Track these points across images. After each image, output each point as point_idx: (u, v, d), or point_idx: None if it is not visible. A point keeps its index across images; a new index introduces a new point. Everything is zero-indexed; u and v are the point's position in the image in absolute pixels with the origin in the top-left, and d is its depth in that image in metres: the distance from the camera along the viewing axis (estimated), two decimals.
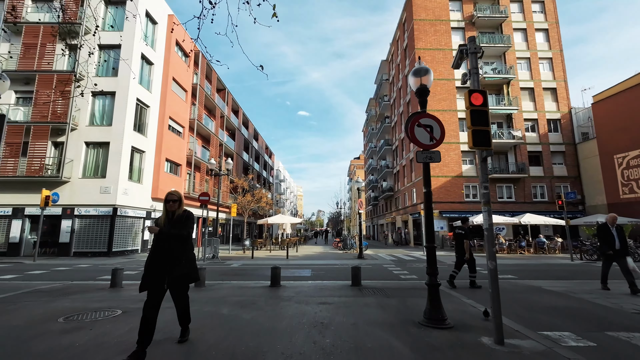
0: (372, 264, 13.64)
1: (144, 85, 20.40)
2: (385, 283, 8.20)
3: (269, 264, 13.75)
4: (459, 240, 8.03)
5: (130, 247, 19.00)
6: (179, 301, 3.59)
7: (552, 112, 28.13)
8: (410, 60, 30.22)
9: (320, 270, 11.63)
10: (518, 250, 19.74)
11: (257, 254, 19.62)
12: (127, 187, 18.44)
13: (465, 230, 7.98)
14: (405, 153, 32.17)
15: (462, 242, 7.91)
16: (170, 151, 22.57)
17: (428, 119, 5.03)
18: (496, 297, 3.85)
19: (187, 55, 25.92)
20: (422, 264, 13.85)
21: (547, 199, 26.81)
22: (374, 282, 8.24)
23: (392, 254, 19.87)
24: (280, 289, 7.13)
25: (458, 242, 8.05)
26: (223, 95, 33.56)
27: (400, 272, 10.93)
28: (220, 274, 10.58)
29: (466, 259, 7.81)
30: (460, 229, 8.09)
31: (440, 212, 26.09)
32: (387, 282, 8.56)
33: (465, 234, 7.91)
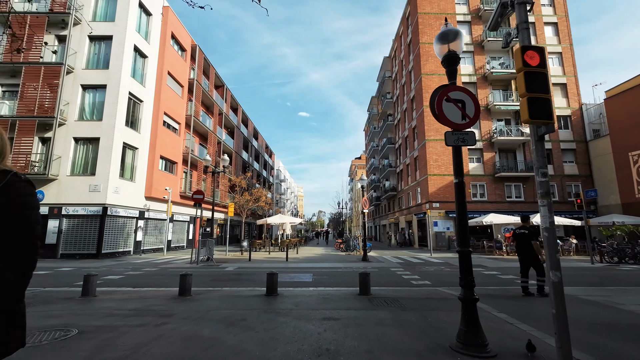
0: (379, 267, 12.64)
1: (137, 79, 19.46)
2: (397, 291, 7.20)
3: (266, 267, 12.77)
4: (521, 241, 6.99)
5: (122, 249, 18.02)
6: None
7: (562, 108, 27.10)
8: (415, 55, 29.24)
9: (322, 274, 10.64)
10: None
11: (256, 255, 18.64)
12: (118, 186, 17.47)
13: (529, 229, 6.98)
14: (410, 151, 31.16)
15: (527, 243, 6.86)
16: (165, 148, 21.61)
17: (459, 92, 4.05)
18: (563, 322, 2.86)
19: (184, 50, 24.99)
20: (432, 267, 12.85)
21: (557, 199, 25.76)
22: (384, 290, 7.24)
23: (397, 255, 18.86)
24: (277, 299, 6.14)
25: (521, 244, 7.01)
26: (221, 92, 32.61)
27: (411, 277, 9.93)
28: (212, 279, 9.59)
29: (543, 262, 6.71)
30: (523, 228, 7.08)
31: (446, 212, 25.07)
32: (399, 289, 7.56)
33: (530, 234, 6.88)
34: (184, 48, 24.85)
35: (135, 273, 10.88)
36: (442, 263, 14.45)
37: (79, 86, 17.70)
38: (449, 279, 9.71)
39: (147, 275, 10.31)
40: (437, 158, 25.91)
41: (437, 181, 25.59)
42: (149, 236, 20.68)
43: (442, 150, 25.99)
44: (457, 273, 11.19)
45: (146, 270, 11.77)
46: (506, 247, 18.91)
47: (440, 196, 25.39)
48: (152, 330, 4.06)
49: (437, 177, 25.63)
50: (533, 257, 6.84)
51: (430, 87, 26.90)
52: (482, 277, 10.12)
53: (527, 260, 6.94)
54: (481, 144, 26.30)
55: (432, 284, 8.73)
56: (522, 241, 7.00)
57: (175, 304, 5.74)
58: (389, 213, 41.49)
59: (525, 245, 6.92)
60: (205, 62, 28.00)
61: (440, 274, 10.74)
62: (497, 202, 25.43)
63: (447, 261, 15.28)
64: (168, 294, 6.77)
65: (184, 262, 14.52)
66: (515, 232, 7.26)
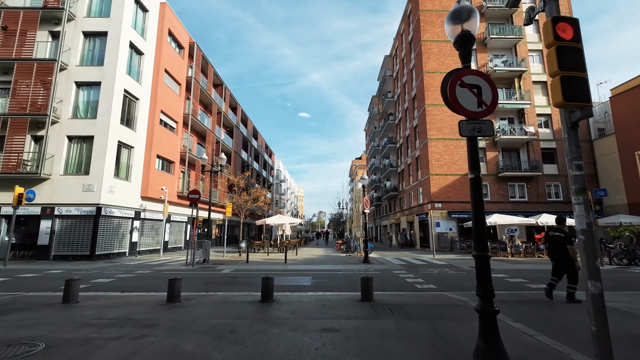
0: (380, 270, 12.18)
1: (132, 76, 19.03)
2: (402, 296, 6.73)
3: (264, 269, 12.31)
4: (555, 245, 6.51)
5: (117, 250, 17.58)
6: None
7: None
8: (416, 53, 28.79)
9: (322, 277, 10.18)
10: (536, 253, 18.23)
11: (254, 257, 18.19)
12: (112, 185, 17.04)
13: (564, 232, 6.48)
14: (411, 151, 30.69)
15: (562, 247, 6.35)
16: (162, 147, 21.18)
17: (475, 76, 3.59)
18: (605, 343, 2.40)
19: (181, 47, 24.57)
20: (435, 269, 12.38)
21: (562, 199, 25.29)
22: (388, 295, 6.78)
23: (399, 257, 18.39)
24: (273, 306, 5.69)
25: (554, 247, 6.52)
26: (220, 90, 32.19)
27: (415, 280, 9.46)
28: (206, 282, 9.13)
29: (578, 268, 6.19)
30: (558, 231, 6.57)
31: (448, 212, 24.61)
32: (403, 294, 7.10)
33: (566, 238, 6.37)
34: (181, 45, 24.43)
35: (127, 276, 10.43)
36: (446, 265, 13.98)
37: (73, 83, 17.27)
38: (454, 282, 9.25)
39: (139, 279, 9.86)
40: (439, 157, 25.44)
41: (439, 181, 25.12)
42: (145, 237, 20.23)
43: (445, 149, 25.54)
44: (462, 276, 10.76)
45: (139, 272, 11.32)
46: (511, 248, 18.44)
47: (443, 196, 24.93)
48: (128, 345, 3.61)
49: (439, 177, 25.16)
50: (568, 262, 6.30)
51: (432, 85, 26.46)
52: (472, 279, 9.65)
53: (561, 265, 6.40)
54: (484, 143, 25.83)
55: (438, 288, 8.26)
56: (555, 244, 6.49)
57: (161, 311, 5.29)
58: (389, 213, 41.02)
59: (559, 249, 6.40)
60: (203, 60, 27.58)
61: (445, 277, 10.27)
62: (501, 202, 24.96)
63: (450, 263, 14.81)
64: (156, 299, 6.32)
65: (179, 264, 14.07)
66: (548, 234, 6.76)
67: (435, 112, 26.06)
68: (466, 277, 10.40)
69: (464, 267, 13.02)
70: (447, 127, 25.89)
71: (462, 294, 7.12)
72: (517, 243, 18.57)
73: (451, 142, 25.66)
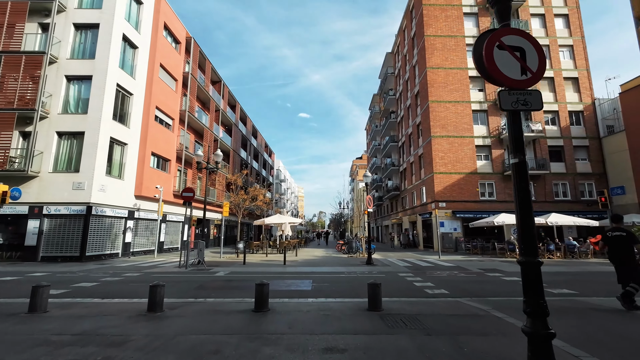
0: (385, 272, 11.45)
1: (126, 71, 18.32)
2: (413, 304, 6.00)
3: (261, 272, 11.59)
4: (618, 246, 5.82)
5: (109, 251, 16.87)
6: None
7: (574, 103, 25.89)
8: (419, 49, 28.07)
9: (323, 281, 9.45)
10: (546, 254, 17.48)
11: (252, 258, 17.47)
12: (104, 183, 16.32)
13: (626, 231, 5.83)
14: (414, 149, 29.96)
15: (627, 248, 5.70)
16: (157, 144, 20.46)
17: (517, 36, 2.87)
18: None
19: (178, 42, 23.86)
20: (444, 272, 11.64)
21: (570, 198, 24.53)
22: (397, 302, 6.05)
23: (403, 258, 17.66)
24: (267, 317, 4.96)
25: (617, 249, 5.84)
26: (218, 87, 31.48)
27: (424, 285, 8.73)
28: (197, 287, 8.41)
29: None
30: (618, 230, 5.90)
31: (453, 211, 23.87)
32: (414, 301, 6.37)
33: (631, 236, 5.74)
34: (178, 40, 23.72)
35: (113, 279, 9.70)
36: (454, 267, 13.25)
37: (63, 77, 16.57)
38: (467, 286, 8.52)
39: (125, 282, 9.14)
40: (444, 155, 24.70)
41: (443, 179, 24.39)
42: (139, 237, 19.52)
43: (449, 147, 24.80)
44: (474, 279, 10.00)
45: (127, 275, 10.60)
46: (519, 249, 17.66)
47: (447, 195, 24.20)
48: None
49: (443, 176, 24.43)
50: (634, 265, 5.61)
51: (436, 81, 25.74)
52: (505, 284, 8.93)
53: (627, 268, 5.67)
54: (489, 141, 25.10)
55: (451, 293, 7.53)
56: (618, 246, 5.78)
57: (137, 324, 4.56)
58: (391, 213, 40.29)
59: (624, 251, 5.71)
60: (200, 56, 26.88)
61: (455, 281, 9.54)
62: (507, 201, 24.20)
63: (458, 265, 14.08)
64: (136, 308, 5.60)
65: (173, 266, 13.35)
66: (607, 235, 6.04)
67: (439, 108, 25.32)
68: (478, 280, 9.67)
69: (473, 270, 12.28)
70: (452, 124, 25.17)
71: (479, 300, 6.39)
72: None
73: (456, 140, 24.92)
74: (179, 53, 23.70)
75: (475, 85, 26.12)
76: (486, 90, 25.82)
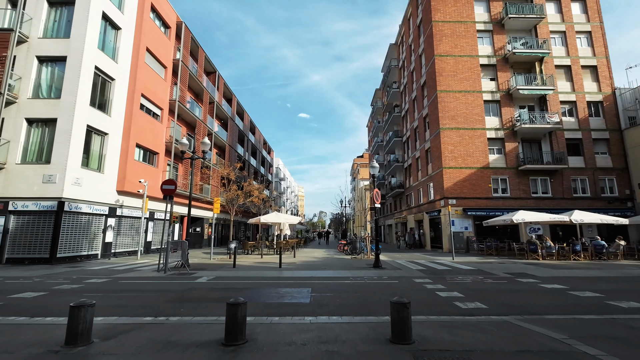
0: (398, 278, 9.73)
1: (107, 53, 16.63)
2: (450, 328, 4.26)
3: (252, 277, 9.88)
4: None
5: (85, 252, 15.17)
6: None
7: (592, 93, 24.13)
8: (426, 36, 26.33)
9: (324, 289, 7.74)
10: (571, 255, 15.75)
11: (245, 260, 15.77)
12: (80, 176, 14.62)
13: None
14: (420, 143, 28.22)
15: None
16: (143, 136, 18.76)
17: None
18: None
19: (167, 27, 22.15)
20: (466, 277, 9.91)
21: (589, 194, 22.77)
22: (428, 324, 4.32)
23: (412, 260, 15.95)
24: (241, 355, 3.24)
25: None
26: (213, 79, 29.76)
27: (450, 295, 7.01)
28: (169, 298, 6.69)
29: None
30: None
31: (464, 209, 22.12)
32: (448, 321, 4.63)
33: None
34: (167, 24, 22.01)
35: (68, 288, 7.99)
36: (474, 270, 11.53)
37: (34, 58, 14.86)
38: (504, 297, 6.80)
39: (79, 293, 7.41)
40: (453, 149, 22.96)
41: (453, 175, 22.65)
42: (122, 237, 17.83)
43: (459, 140, 23.06)
44: (508, 288, 7.82)
45: (90, 282, 8.89)
46: (542, 250, 15.94)
47: (457, 192, 22.46)
48: None
49: (453, 171, 22.69)
50: None
51: (444, 69, 24.00)
52: (549, 295, 7.20)
53: None
54: (502, 133, 23.36)
55: (490, 308, 5.80)
56: None
57: None
58: (395, 212, 38.56)
59: None
60: (193, 43, 25.16)
61: (486, 289, 7.81)
62: (522, 198, 22.47)
63: (478, 268, 12.35)
64: (55, 337, 3.89)
65: (151, 270, 11.63)
66: None
67: (448, 98, 23.59)
68: (513, 289, 7.94)
69: (499, 274, 10.55)
70: (462, 115, 23.43)
71: (537, 321, 4.67)
72: (549, 244, 16.08)
73: (466, 132, 23.18)
74: (168, 38, 22.00)
75: (487, 74, 24.38)
76: (498, 79, 24.08)
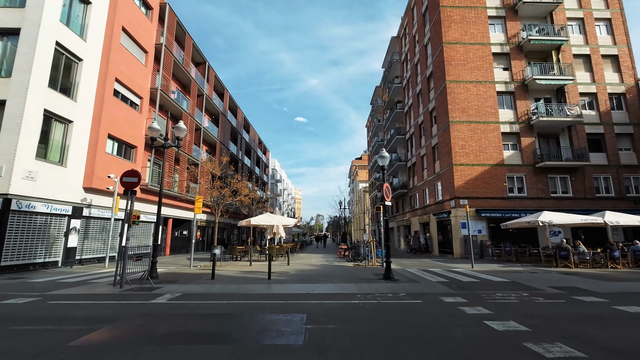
0: (418, 295, 7.53)
1: (73, 29, 14.42)
2: None
3: (230, 294, 7.63)
4: None
5: (41, 259, 12.83)
6: None
7: (614, 84, 22.22)
8: (433, 23, 24.36)
9: (325, 315, 5.53)
10: (609, 263, 13.63)
11: (231, 268, 13.50)
12: (34, 170, 12.33)
13: None
14: (425, 140, 26.15)
15: None
16: (117, 126, 16.51)
17: None
18: None
19: (149, 7, 19.98)
20: (505, 293, 7.72)
21: (613, 194, 20.75)
22: None
23: (426, 268, 13.75)
24: None
25: None
26: (203, 70, 27.58)
27: (507, 326, 4.82)
28: (81, 339, 4.40)
29: None
30: None
31: (476, 210, 19.99)
32: None
33: None
34: (149, 5, 19.84)
35: None
36: (507, 283, 9.36)
37: None
38: (593, 333, 4.60)
39: None
40: (464, 144, 20.89)
41: (464, 172, 20.56)
42: (90, 241, 15.51)
43: (471, 134, 21.00)
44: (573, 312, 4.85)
45: (8, 303, 6.60)
46: (574, 256, 13.81)
47: (470, 191, 20.35)
48: None
49: (464, 168, 20.59)
50: None
51: (454, 58, 22.00)
52: None
53: None
54: (517, 127, 21.34)
55: (591, 357, 3.62)
56: None
57: None
58: (397, 214, 36.39)
59: None
60: (179, 28, 22.99)
61: (552, 316, 5.63)
62: (540, 198, 20.39)
63: (509, 279, 10.17)
64: None
65: (106, 283, 9.33)
66: None
67: (458, 89, 21.56)
68: (588, 315, 5.75)
69: (544, 288, 8.37)
70: (473, 107, 21.40)
71: None
72: (582, 249, 13.95)
73: (478, 126, 21.15)
74: (150, 20, 19.81)
75: (500, 63, 22.41)
76: (512, 69, 22.11)
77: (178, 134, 10.92)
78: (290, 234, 56.30)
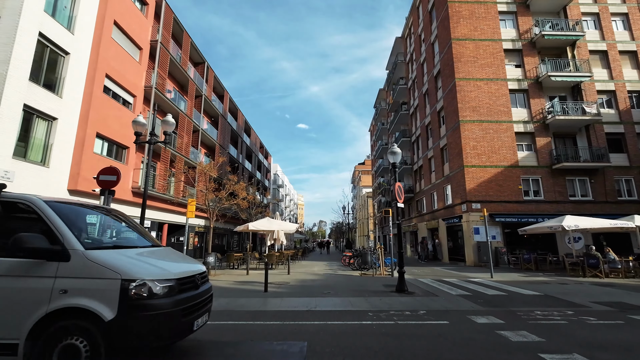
0: (442, 312, 6.29)
1: (59, 20, 13.51)
2: None
3: (219, 311, 6.42)
4: None
5: None
6: None
7: (634, 81, 21.03)
8: (440, 19, 23.38)
9: (331, 345, 4.33)
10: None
11: (226, 278, 12.30)
12: (10, 169, 11.27)
13: None
14: (433, 141, 24.99)
15: None
16: (106, 124, 15.52)
17: None
18: None
19: (144, 3, 19.16)
20: (545, 310, 6.47)
21: (636, 197, 19.41)
22: None
23: (438, 277, 12.47)
24: None
25: None
26: (201, 70, 26.71)
27: None
28: None
29: None
30: None
31: (490, 214, 18.64)
32: None
33: None
34: (144, 1, 19.02)
35: None
36: (541, 297, 8.08)
37: None
38: None
39: None
40: (476, 145, 19.70)
41: (476, 174, 19.33)
42: None
43: (482, 134, 19.83)
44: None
45: None
46: (604, 265, 12.47)
47: (482, 194, 19.10)
48: None
49: (476, 170, 19.38)
50: None
51: (463, 54, 20.94)
52: None
53: None
54: (532, 127, 20.14)
55: None
56: None
57: None
58: (403, 220, 34.99)
59: None
60: (176, 25, 22.15)
61: (626, 344, 4.39)
62: (558, 201, 19.08)
63: (540, 291, 8.88)
64: None
65: None
66: None
67: (468, 87, 20.45)
68: None
69: (586, 304, 7.10)
70: (484, 106, 20.26)
71: None
72: (612, 257, 12.62)
73: (490, 126, 19.98)
74: (145, 16, 18.96)
75: (512, 59, 21.32)
76: (525, 65, 21.00)
77: (165, 128, 9.83)
78: (292, 240, 54.98)
